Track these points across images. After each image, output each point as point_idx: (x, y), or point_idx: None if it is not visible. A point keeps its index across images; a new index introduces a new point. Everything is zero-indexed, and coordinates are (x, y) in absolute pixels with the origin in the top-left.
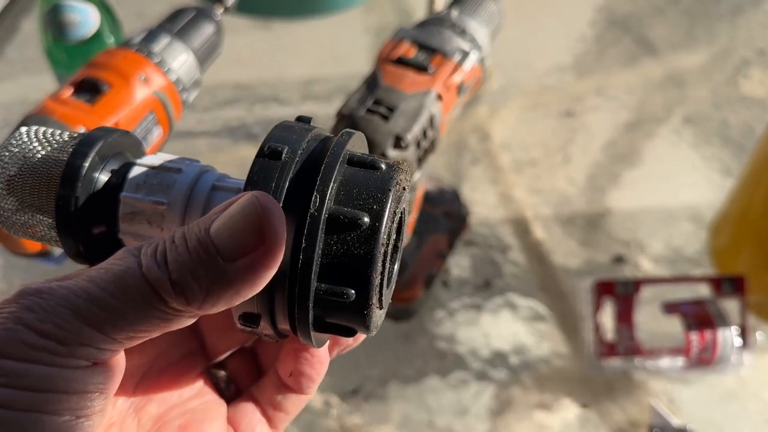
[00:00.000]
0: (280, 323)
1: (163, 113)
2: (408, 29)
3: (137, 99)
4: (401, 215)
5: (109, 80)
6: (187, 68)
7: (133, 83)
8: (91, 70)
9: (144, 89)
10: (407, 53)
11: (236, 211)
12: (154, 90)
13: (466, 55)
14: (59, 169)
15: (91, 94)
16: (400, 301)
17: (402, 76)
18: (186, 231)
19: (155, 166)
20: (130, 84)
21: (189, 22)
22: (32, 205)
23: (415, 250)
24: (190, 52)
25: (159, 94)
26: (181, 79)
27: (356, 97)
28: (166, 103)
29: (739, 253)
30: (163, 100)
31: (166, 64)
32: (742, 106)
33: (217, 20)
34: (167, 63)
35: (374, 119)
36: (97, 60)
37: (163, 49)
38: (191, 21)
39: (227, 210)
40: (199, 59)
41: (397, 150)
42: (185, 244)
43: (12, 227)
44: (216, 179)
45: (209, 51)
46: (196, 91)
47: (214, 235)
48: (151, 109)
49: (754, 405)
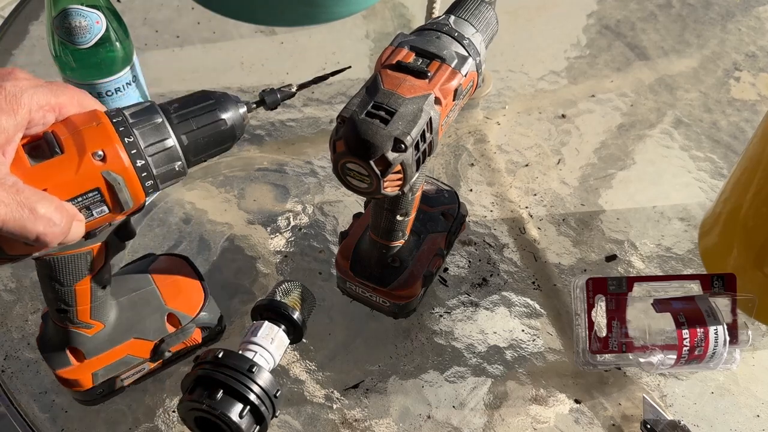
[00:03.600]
0: None
1: (111, 193)
2: (406, 35)
3: (81, 173)
4: None
5: (66, 145)
6: (164, 156)
7: (85, 157)
8: (62, 126)
9: (94, 166)
10: (406, 58)
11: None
12: (107, 170)
13: (463, 61)
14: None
15: (42, 152)
16: (399, 299)
17: (401, 81)
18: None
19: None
20: (82, 157)
21: (201, 107)
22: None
23: (413, 249)
24: (176, 140)
25: (110, 175)
26: (149, 166)
27: (356, 101)
28: (118, 185)
29: (729, 252)
30: (114, 181)
31: (136, 147)
32: (732, 109)
33: (241, 112)
34: (139, 145)
35: (374, 123)
36: (75, 119)
37: (146, 130)
38: (204, 107)
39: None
40: (189, 149)
41: (396, 153)
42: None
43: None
44: None
45: (211, 143)
46: (172, 181)
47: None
48: (95, 186)
49: (744, 400)
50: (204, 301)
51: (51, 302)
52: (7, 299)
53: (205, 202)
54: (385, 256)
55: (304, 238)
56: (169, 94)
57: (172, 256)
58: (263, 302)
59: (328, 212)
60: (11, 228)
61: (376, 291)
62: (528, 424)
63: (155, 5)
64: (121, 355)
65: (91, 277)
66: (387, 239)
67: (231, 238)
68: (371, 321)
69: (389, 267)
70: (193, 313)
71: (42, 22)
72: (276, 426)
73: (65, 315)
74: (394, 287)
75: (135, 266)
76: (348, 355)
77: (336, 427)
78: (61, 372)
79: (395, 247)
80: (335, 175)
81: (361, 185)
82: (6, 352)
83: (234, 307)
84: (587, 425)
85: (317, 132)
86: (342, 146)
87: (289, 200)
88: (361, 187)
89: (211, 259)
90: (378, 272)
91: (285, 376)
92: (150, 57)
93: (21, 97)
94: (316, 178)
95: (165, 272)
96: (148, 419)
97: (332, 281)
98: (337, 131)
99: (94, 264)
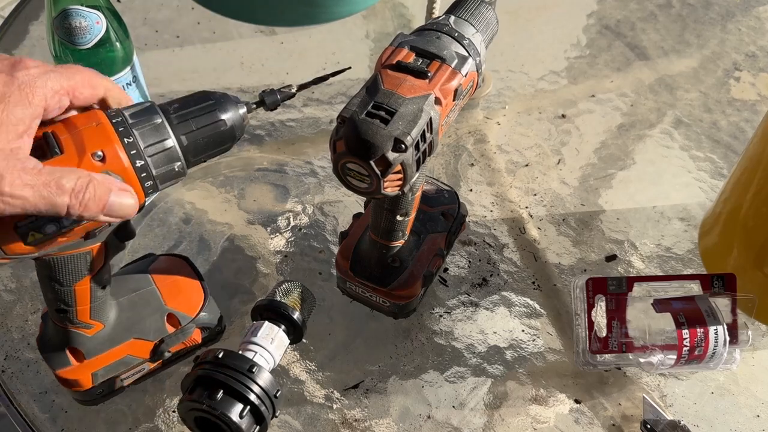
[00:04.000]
0: None
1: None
2: (406, 35)
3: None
4: None
5: (65, 146)
6: (163, 157)
7: (85, 158)
8: (62, 126)
9: (94, 166)
10: (406, 59)
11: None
12: (106, 170)
13: (463, 61)
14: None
15: (41, 152)
16: (399, 299)
17: (401, 81)
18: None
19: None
20: (81, 158)
21: (200, 108)
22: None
23: (413, 249)
24: (175, 140)
25: (110, 175)
26: (148, 166)
27: (356, 101)
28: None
29: (729, 252)
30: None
31: (135, 147)
32: (732, 109)
33: (241, 112)
34: (138, 146)
35: (374, 123)
36: (75, 119)
37: (146, 131)
38: (204, 107)
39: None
40: (189, 149)
41: (396, 153)
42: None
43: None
44: None
45: (211, 144)
46: (172, 182)
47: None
48: None
49: (744, 400)
50: (204, 302)
51: (51, 302)
52: (7, 299)
53: (205, 202)
54: (385, 256)
55: (304, 238)
56: (169, 94)
57: (172, 257)
58: (263, 302)
59: (328, 212)
60: (42, 207)
61: (376, 291)
62: (528, 424)
63: (155, 5)
64: (120, 355)
65: (91, 277)
66: (387, 239)
67: (231, 238)
68: (371, 321)
69: (389, 267)
70: (193, 314)
71: (42, 23)
72: (276, 426)
73: (65, 315)
74: (394, 287)
75: (135, 266)
76: (348, 355)
77: (336, 427)
78: (61, 372)
79: (395, 247)
80: (335, 175)
81: (361, 185)
82: (6, 352)
83: (234, 307)
84: (587, 425)
85: (317, 132)
86: (342, 146)
87: (289, 200)
88: (361, 187)
89: (211, 259)
90: (378, 272)
91: (285, 376)
92: (150, 57)
93: (34, 85)
94: (316, 178)
95: (165, 272)
96: (148, 419)
97: (332, 281)
98: (338, 131)
99: (94, 264)
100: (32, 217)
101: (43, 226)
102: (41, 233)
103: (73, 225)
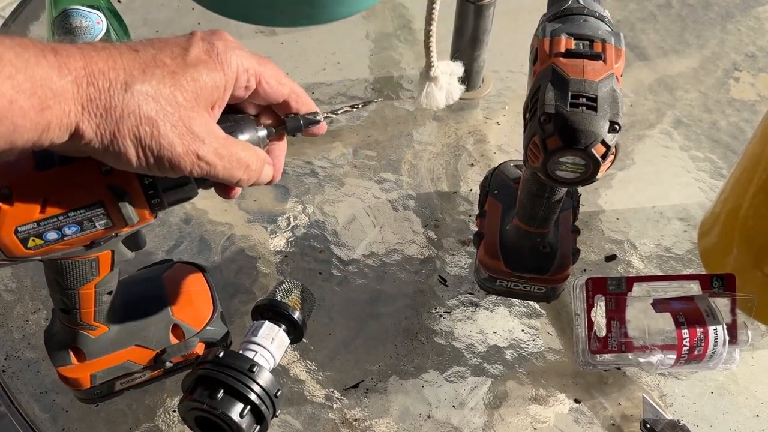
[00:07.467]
0: None
1: (114, 208)
2: (553, 24)
3: (86, 185)
4: None
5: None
6: (174, 178)
7: (91, 169)
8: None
9: (100, 179)
10: (569, 45)
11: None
12: (110, 183)
13: (618, 37)
14: None
15: (49, 160)
16: (557, 282)
17: (582, 66)
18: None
19: None
20: (88, 169)
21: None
22: None
23: (555, 231)
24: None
25: (115, 189)
26: (156, 184)
27: (550, 96)
28: (122, 200)
29: (728, 252)
30: (119, 196)
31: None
32: (731, 109)
33: (260, 135)
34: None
35: (583, 111)
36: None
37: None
38: (222, 128)
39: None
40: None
41: (612, 134)
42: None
43: None
44: None
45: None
46: (180, 202)
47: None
48: (99, 200)
49: (744, 400)
50: (211, 316)
51: (56, 301)
52: (7, 299)
53: (206, 202)
54: (539, 245)
55: (304, 238)
56: None
57: (188, 265)
58: (263, 302)
59: (328, 212)
60: (222, 176)
61: (534, 280)
62: (528, 424)
63: (156, 6)
64: (121, 360)
65: (96, 282)
66: (544, 227)
67: (231, 238)
68: (371, 321)
69: (543, 254)
70: (199, 327)
71: (42, 23)
72: (276, 426)
73: (69, 315)
74: (553, 272)
75: (150, 270)
76: (348, 355)
77: (336, 426)
78: (62, 370)
79: (548, 233)
80: (540, 173)
81: (573, 175)
82: (6, 352)
83: (234, 307)
84: (587, 425)
85: None
86: (557, 142)
87: (289, 200)
88: (572, 178)
89: (212, 259)
90: (535, 262)
91: (285, 376)
92: None
93: (231, 55)
94: (316, 178)
95: (177, 281)
96: (148, 419)
97: (332, 281)
98: (544, 129)
99: (100, 270)
100: (33, 223)
101: (44, 233)
102: (42, 240)
103: (75, 234)
